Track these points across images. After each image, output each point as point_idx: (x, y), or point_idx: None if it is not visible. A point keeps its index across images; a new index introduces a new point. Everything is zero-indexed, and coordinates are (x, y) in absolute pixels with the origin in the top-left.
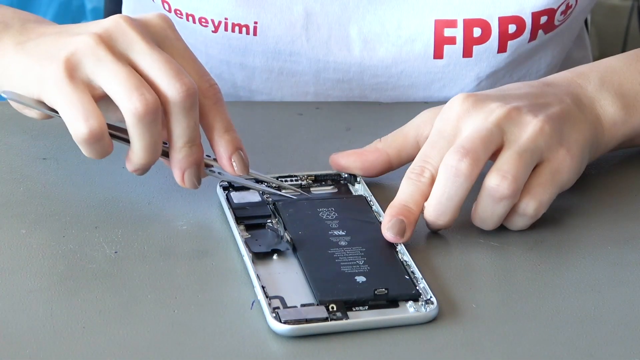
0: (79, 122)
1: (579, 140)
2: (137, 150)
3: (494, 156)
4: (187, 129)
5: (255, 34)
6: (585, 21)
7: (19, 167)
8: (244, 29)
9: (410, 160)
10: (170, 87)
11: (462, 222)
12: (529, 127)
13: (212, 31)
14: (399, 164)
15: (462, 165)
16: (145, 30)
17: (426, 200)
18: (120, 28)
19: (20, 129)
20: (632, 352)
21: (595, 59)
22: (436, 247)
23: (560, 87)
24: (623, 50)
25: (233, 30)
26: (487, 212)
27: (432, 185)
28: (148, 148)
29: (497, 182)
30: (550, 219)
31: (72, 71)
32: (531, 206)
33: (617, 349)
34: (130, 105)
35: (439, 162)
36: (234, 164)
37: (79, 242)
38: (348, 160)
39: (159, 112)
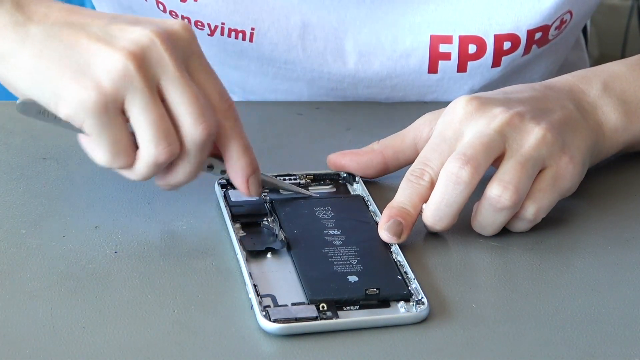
0: (117, 158)
1: (580, 147)
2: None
3: (496, 162)
4: (196, 164)
5: (251, 40)
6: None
7: (19, 167)
8: (240, 35)
9: (407, 163)
10: (193, 129)
11: (462, 222)
12: (532, 136)
13: (208, 34)
14: (396, 166)
15: (463, 173)
16: (176, 49)
17: (424, 203)
18: (155, 49)
19: (20, 129)
20: (632, 352)
21: (595, 59)
22: (436, 247)
23: (562, 92)
24: (623, 50)
25: (229, 35)
26: (488, 220)
27: (432, 189)
28: (152, 175)
29: (499, 192)
30: (550, 219)
31: (109, 102)
32: (530, 210)
33: (617, 349)
34: (154, 152)
35: (439, 166)
36: (250, 187)
37: (79, 242)
38: (344, 160)
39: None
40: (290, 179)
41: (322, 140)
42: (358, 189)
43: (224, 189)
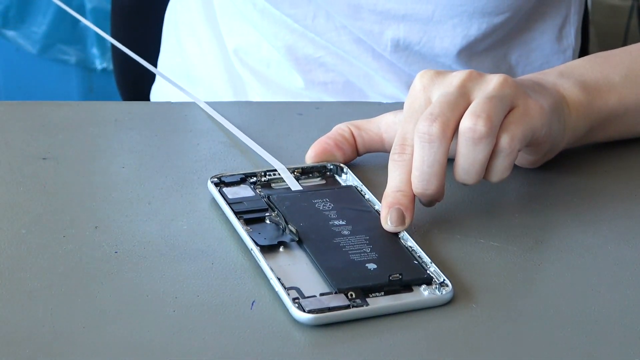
0: None
1: (546, 101)
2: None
3: None
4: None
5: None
6: (585, 23)
7: (19, 167)
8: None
9: (371, 142)
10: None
11: (462, 223)
12: (493, 81)
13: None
14: (362, 145)
15: (433, 129)
16: None
17: None
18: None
19: (20, 129)
20: (632, 352)
21: None
22: (436, 248)
23: (521, 78)
24: None
25: None
26: (469, 158)
27: None
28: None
29: (473, 121)
30: (550, 219)
31: None
32: (505, 140)
33: (617, 349)
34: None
35: None
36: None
37: (79, 242)
38: (317, 149)
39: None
40: (278, 174)
41: None
42: (348, 179)
43: (218, 187)
